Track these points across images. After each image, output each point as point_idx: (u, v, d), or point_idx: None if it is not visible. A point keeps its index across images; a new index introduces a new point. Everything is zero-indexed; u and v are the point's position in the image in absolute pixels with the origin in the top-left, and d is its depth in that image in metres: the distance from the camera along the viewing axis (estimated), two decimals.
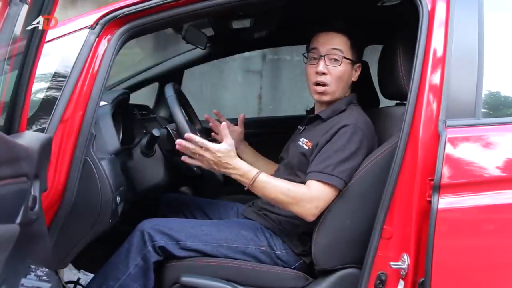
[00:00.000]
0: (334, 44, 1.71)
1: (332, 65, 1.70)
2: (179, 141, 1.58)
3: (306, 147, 1.69)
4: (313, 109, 1.87)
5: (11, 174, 0.99)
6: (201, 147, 1.55)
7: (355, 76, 1.77)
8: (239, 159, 1.60)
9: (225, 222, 1.79)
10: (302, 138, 1.74)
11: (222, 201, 2.10)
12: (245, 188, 1.61)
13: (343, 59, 1.70)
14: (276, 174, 1.76)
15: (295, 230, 1.69)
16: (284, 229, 1.70)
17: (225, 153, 1.56)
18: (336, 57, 1.70)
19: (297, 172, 1.70)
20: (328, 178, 1.56)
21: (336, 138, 1.62)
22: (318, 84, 1.72)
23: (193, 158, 1.59)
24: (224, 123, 1.64)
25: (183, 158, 1.61)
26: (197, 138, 1.56)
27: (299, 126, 1.90)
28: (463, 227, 1.32)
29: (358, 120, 1.66)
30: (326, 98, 1.74)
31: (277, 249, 1.68)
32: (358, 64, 1.77)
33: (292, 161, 1.74)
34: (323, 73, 1.70)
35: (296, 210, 1.58)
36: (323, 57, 1.71)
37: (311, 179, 1.59)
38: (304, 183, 1.62)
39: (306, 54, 1.79)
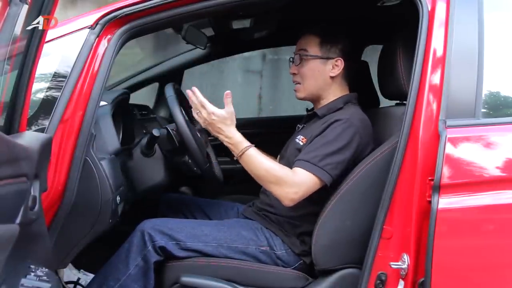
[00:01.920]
0: (300, 45, 1.80)
1: (297, 64, 1.79)
2: (193, 89, 1.65)
3: (302, 143, 1.71)
4: (312, 109, 1.89)
5: (11, 174, 0.99)
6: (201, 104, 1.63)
7: (333, 71, 1.77)
8: (235, 130, 1.63)
9: (225, 222, 1.79)
10: (299, 136, 1.76)
11: (222, 201, 2.10)
12: (234, 158, 1.64)
13: (307, 57, 1.77)
14: None
15: (295, 230, 1.69)
16: (284, 229, 1.70)
17: (220, 118, 1.61)
18: (299, 57, 1.79)
19: None
20: (313, 168, 1.57)
21: (328, 131, 1.64)
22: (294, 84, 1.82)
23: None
24: (228, 91, 1.67)
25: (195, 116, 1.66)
26: (198, 94, 1.65)
27: (298, 125, 1.92)
28: (463, 227, 1.32)
29: (352, 116, 1.67)
30: (300, 94, 1.81)
31: (277, 249, 1.68)
32: (337, 59, 1.77)
33: (290, 158, 1.74)
34: (294, 73, 1.81)
35: (275, 191, 1.59)
36: (292, 59, 1.83)
37: (297, 167, 1.60)
38: None
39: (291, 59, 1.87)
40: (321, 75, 1.77)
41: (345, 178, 1.59)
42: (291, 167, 1.71)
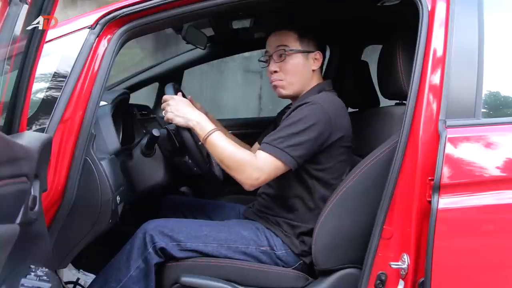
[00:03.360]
0: (278, 42, 1.77)
1: (280, 61, 1.75)
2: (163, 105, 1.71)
3: None
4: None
5: (11, 174, 0.99)
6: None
7: (315, 64, 1.78)
8: (202, 113, 1.67)
9: (226, 223, 1.79)
10: None
11: (223, 202, 2.10)
12: (199, 143, 1.65)
13: (290, 52, 1.74)
14: None
15: (294, 230, 1.69)
16: (283, 230, 1.70)
17: (186, 102, 1.68)
18: (281, 53, 1.75)
19: None
20: (274, 150, 1.57)
21: (293, 113, 1.64)
22: (274, 82, 1.78)
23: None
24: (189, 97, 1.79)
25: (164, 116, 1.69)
26: (166, 96, 1.71)
27: (277, 122, 1.90)
28: (463, 227, 1.31)
29: (321, 99, 1.66)
30: (284, 92, 1.78)
31: (277, 249, 1.68)
32: (316, 52, 1.78)
33: None
34: (275, 71, 1.76)
35: (237, 177, 1.59)
36: (272, 56, 1.77)
37: (260, 149, 1.60)
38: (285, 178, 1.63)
39: (261, 59, 1.86)
40: (304, 70, 1.77)
41: (345, 178, 1.59)
42: None
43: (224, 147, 1.60)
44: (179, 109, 1.65)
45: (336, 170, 1.69)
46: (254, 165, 1.57)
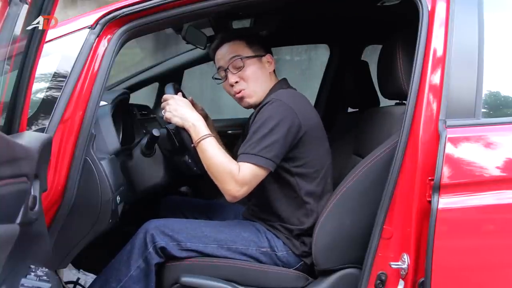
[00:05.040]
0: (231, 53, 1.76)
1: (238, 70, 1.75)
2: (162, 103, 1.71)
3: None
4: None
5: (11, 174, 0.99)
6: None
7: (270, 67, 1.79)
8: (200, 116, 1.67)
9: (226, 223, 1.79)
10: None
11: (223, 202, 2.10)
12: (192, 145, 1.64)
13: (246, 59, 1.74)
14: None
15: (292, 233, 1.69)
16: (284, 231, 1.70)
17: (185, 102, 1.68)
18: (236, 63, 1.74)
19: None
20: (250, 158, 1.57)
21: (257, 117, 1.64)
22: (236, 92, 1.77)
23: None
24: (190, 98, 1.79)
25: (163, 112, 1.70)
26: (166, 95, 1.71)
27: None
28: (463, 227, 1.32)
29: (279, 95, 1.66)
30: (250, 100, 1.77)
31: (278, 250, 1.68)
32: (267, 55, 1.79)
33: None
34: (236, 82, 1.75)
35: (220, 187, 1.60)
36: (228, 69, 1.76)
37: (240, 161, 1.59)
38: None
39: (215, 76, 1.85)
40: (263, 74, 1.77)
41: (345, 178, 1.59)
42: None
43: (213, 155, 1.60)
44: (178, 109, 1.66)
45: (315, 163, 1.68)
46: (236, 179, 1.56)
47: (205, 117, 1.93)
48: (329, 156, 1.75)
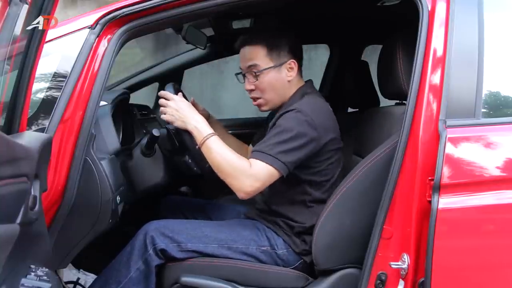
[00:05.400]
0: (249, 61, 1.74)
1: (254, 80, 1.74)
2: (161, 101, 1.70)
3: None
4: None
5: (11, 174, 0.99)
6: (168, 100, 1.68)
7: (289, 74, 1.74)
8: (202, 117, 1.65)
9: (226, 223, 1.79)
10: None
11: (223, 202, 2.10)
12: (197, 147, 1.63)
13: (263, 71, 1.71)
14: None
15: (293, 230, 1.69)
16: (284, 229, 1.70)
17: (185, 104, 1.66)
18: (252, 72, 1.73)
19: None
20: (266, 157, 1.56)
21: (280, 121, 1.63)
22: (253, 99, 1.78)
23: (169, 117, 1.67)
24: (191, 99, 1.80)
25: (161, 116, 1.69)
26: (163, 92, 1.70)
27: (265, 127, 1.90)
28: (463, 227, 1.32)
29: (304, 105, 1.65)
30: (266, 108, 1.79)
31: (278, 249, 1.68)
32: (289, 61, 1.74)
33: None
34: (251, 90, 1.76)
35: (232, 183, 1.58)
36: (245, 75, 1.77)
37: (252, 158, 1.59)
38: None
39: (238, 75, 1.83)
40: (280, 83, 1.74)
41: (345, 178, 1.59)
42: None
43: (220, 153, 1.59)
44: (179, 111, 1.65)
45: (327, 172, 1.68)
46: (248, 173, 1.55)
47: (207, 117, 1.93)
48: (340, 164, 1.74)
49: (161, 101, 1.70)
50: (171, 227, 1.65)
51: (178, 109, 1.65)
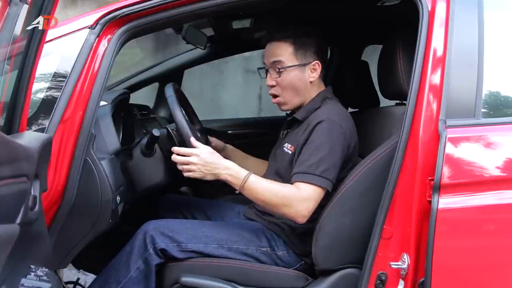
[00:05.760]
0: (274, 56, 1.73)
1: (276, 77, 1.73)
2: (174, 157, 1.61)
3: (290, 152, 1.70)
4: (291, 114, 1.86)
5: (11, 174, 0.99)
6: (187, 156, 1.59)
7: (312, 75, 1.74)
8: (228, 161, 1.61)
9: (226, 223, 1.79)
10: (286, 144, 1.75)
11: (223, 202, 2.10)
12: (236, 192, 1.60)
13: (286, 67, 1.71)
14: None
15: (295, 231, 1.69)
16: (285, 230, 1.70)
17: (211, 152, 1.60)
18: (277, 69, 1.72)
19: (286, 178, 1.68)
20: (313, 178, 1.56)
21: (313, 136, 1.62)
22: (272, 96, 1.77)
23: (189, 172, 1.60)
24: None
25: (185, 174, 1.62)
26: (181, 149, 1.61)
27: (282, 131, 1.90)
28: (463, 227, 1.32)
29: (331, 114, 1.65)
30: (285, 107, 1.78)
31: (278, 250, 1.68)
32: (314, 63, 1.73)
33: (280, 168, 1.74)
34: (272, 86, 1.75)
35: (287, 212, 1.57)
36: (268, 70, 1.76)
37: (298, 181, 1.58)
38: None
39: (261, 69, 1.83)
40: (302, 83, 1.73)
41: (345, 178, 1.59)
42: (282, 178, 1.69)
43: (264, 189, 1.58)
44: (206, 165, 1.58)
45: (337, 181, 1.67)
46: (299, 197, 1.56)
47: (223, 148, 1.96)
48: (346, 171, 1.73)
49: (180, 158, 1.61)
50: (171, 227, 1.65)
51: (204, 164, 1.58)
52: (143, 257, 1.61)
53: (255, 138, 2.34)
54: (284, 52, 1.71)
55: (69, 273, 2.07)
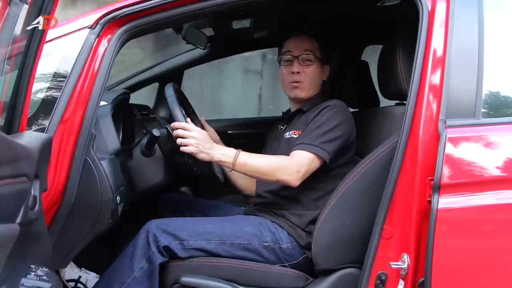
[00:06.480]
0: (306, 46, 1.87)
1: (305, 65, 1.86)
2: (175, 132, 1.68)
3: (295, 136, 1.78)
4: (289, 110, 1.98)
5: (11, 174, 0.99)
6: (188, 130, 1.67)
7: (325, 75, 1.93)
8: (218, 145, 1.73)
9: (228, 219, 1.79)
10: (287, 132, 1.84)
11: (223, 203, 2.10)
12: (230, 170, 1.72)
13: (315, 59, 1.86)
14: None
15: (301, 219, 1.70)
16: (289, 221, 1.71)
17: (205, 136, 1.69)
18: (308, 57, 1.86)
19: None
20: (309, 147, 1.65)
21: (318, 117, 1.73)
22: (294, 82, 1.87)
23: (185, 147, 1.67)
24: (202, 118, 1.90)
25: (181, 149, 1.67)
26: (184, 123, 1.69)
27: (279, 126, 1.96)
28: (463, 227, 1.32)
29: (337, 102, 1.79)
30: (302, 94, 1.87)
31: (282, 243, 1.68)
32: (327, 66, 1.92)
33: (286, 155, 1.75)
34: (298, 72, 1.85)
35: (280, 176, 1.64)
36: (297, 58, 1.86)
37: (294, 150, 1.68)
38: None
39: (278, 58, 1.93)
40: (318, 79, 1.90)
41: (345, 178, 1.59)
42: None
43: (257, 159, 1.68)
44: (205, 145, 1.66)
45: (349, 165, 1.74)
46: (291, 161, 1.64)
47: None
48: (353, 163, 1.79)
49: (180, 132, 1.68)
50: (173, 225, 1.65)
51: (200, 142, 1.66)
52: (147, 256, 1.60)
53: (255, 138, 2.33)
54: (313, 46, 1.88)
55: (71, 272, 2.07)
